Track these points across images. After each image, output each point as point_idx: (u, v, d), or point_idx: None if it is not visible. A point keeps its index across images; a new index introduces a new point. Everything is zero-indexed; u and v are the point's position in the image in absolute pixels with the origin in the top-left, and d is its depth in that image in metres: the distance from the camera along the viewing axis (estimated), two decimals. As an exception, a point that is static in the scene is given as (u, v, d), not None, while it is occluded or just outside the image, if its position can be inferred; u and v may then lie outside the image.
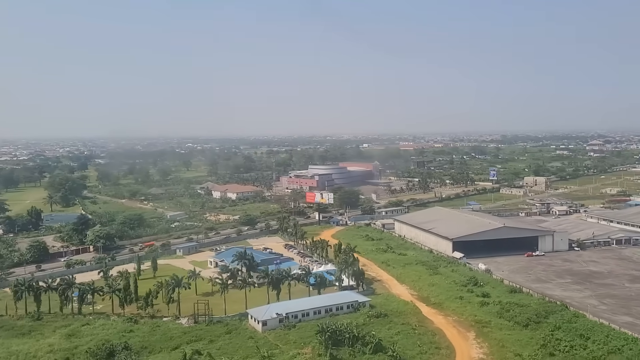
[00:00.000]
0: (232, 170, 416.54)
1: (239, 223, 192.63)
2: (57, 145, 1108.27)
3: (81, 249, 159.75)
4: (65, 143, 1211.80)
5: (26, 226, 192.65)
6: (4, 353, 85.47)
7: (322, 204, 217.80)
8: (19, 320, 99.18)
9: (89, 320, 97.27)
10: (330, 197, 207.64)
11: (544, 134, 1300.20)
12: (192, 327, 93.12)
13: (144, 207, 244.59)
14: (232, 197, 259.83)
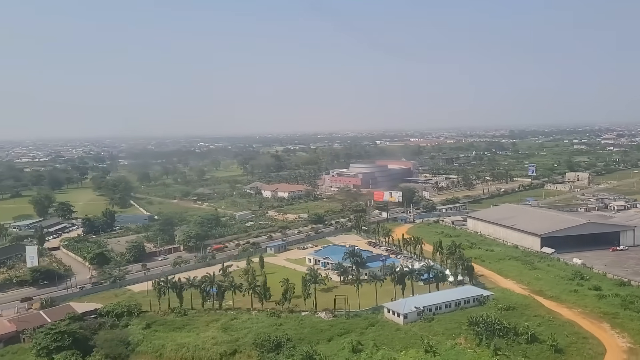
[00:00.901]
0: (263, 169, 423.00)
1: (309, 222, 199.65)
2: (68, 145, 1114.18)
3: (172, 248, 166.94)
4: (74, 143, 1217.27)
5: (103, 227, 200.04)
6: (173, 345, 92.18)
7: (378, 202, 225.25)
8: (165, 315, 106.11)
9: (233, 315, 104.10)
10: (400, 196, 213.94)
11: (549, 129, 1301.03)
12: (334, 320, 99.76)
13: (200, 207, 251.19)
14: (284, 196, 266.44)
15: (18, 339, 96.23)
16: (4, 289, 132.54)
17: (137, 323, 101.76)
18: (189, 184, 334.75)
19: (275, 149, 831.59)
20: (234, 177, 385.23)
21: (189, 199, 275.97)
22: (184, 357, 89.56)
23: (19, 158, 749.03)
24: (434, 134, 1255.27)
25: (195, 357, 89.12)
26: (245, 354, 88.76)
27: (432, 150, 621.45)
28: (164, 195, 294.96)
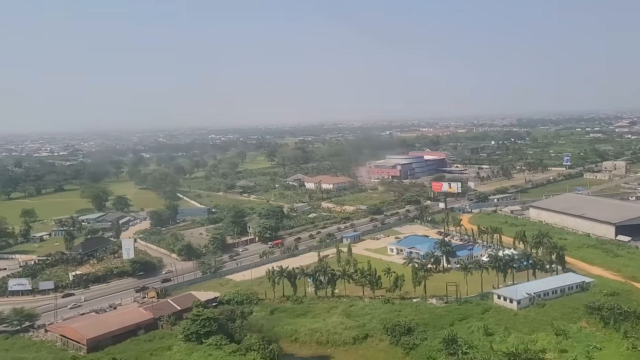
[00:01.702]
0: (292, 161, 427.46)
1: (368, 212, 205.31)
2: (77, 139, 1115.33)
3: (248, 240, 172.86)
4: (82, 137, 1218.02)
5: (168, 220, 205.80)
6: (306, 330, 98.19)
7: (432, 192, 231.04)
8: (282, 303, 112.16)
9: (348, 302, 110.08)
10: (459, 187, 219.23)
11: (554, 117, 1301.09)
12: (447, 306, 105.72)
13: (249, 200, 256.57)
14: (329, 187, 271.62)
15: (156, 325, 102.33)
16: (107, 279, 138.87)
17: (259, 310, 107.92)
18: (226, 177, 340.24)
19: (287, 140, 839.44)
20: (265, 170, 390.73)
21: (233, 191, 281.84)
22: (319, 340, 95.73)
23: (36, 152, 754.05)
24: (441, 124, 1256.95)
25: (330, 341, 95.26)
26: (377, 338, 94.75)
27: (448, 140, 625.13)
28: (206, 188, 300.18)
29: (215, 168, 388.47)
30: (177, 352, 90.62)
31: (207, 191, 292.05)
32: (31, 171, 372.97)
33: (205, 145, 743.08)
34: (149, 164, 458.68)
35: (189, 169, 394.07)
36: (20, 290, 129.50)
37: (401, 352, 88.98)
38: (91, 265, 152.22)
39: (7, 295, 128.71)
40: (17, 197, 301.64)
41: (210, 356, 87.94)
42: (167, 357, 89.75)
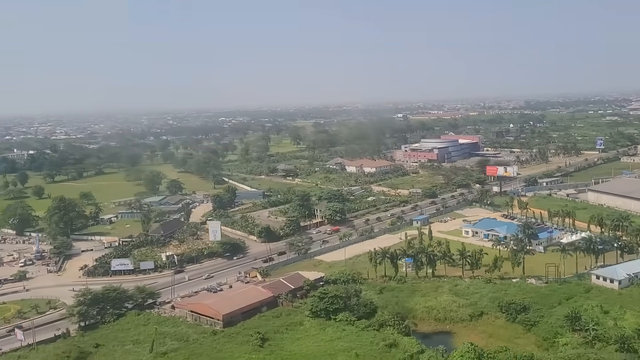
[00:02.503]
0: (319, 145, 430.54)
1: (424, 196, 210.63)
2: (86, 121, 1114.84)
3: (319, 222, 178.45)
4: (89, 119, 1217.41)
5: (229, 203, 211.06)
6: (422, 307, 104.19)
7: (486, 177, 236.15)
8: (385, 282, 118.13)
9: (451, 281, 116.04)
10: (515, 170, 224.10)
11: (561, 99, 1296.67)
12: (549, 286, 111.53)
13: (296, 183, 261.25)
14: (371, 171, 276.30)
15: (275, 303, 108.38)
16: (199, 260, 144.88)
17: (366, 289, 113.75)
18: (261, 160, 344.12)
19: (300, 122, 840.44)
20: (295, 153, 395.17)
21: (276, 174, 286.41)
22: (437, 317, 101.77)
23: (51, 135, 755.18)
24: (448, 106, 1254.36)
25: (447, 318, 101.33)
26: (492, 316, 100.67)
27: (466, 123, 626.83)
28: (247, 171, 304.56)
29: (247, 151, 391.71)
30: (310, 327, 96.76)
31: (248, 174, 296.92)
32: (66, 155, 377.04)
33: (222, 128, 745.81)
34: (178, 147, 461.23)
35: (221, 152, 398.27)
36: (123, 270, 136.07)
37: (521, 329, 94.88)
38: (175, 247, 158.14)
39: (110, 274, 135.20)
40: (61, 180, 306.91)
41: (343, 331, 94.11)
42: (302, 331, 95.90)
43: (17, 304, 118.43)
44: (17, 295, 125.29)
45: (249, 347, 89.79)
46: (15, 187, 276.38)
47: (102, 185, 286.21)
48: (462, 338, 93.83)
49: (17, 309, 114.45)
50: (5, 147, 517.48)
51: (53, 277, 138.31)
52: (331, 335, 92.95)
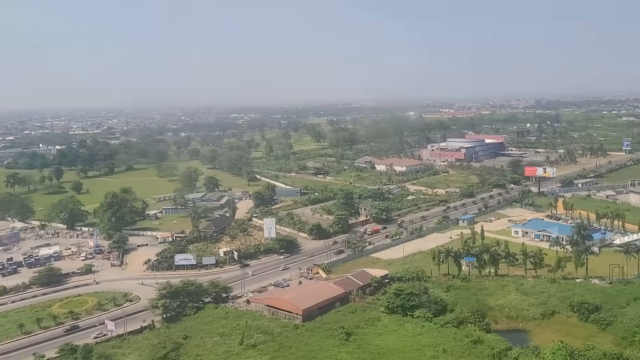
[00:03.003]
0: (340, 143, 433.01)
1: (462, 195, 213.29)
2: (97, 116, 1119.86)
3: (364, 221, 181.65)
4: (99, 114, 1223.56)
5: (269, 200, 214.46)
6: (494, 306, 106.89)
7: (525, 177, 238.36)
8: (449, 281, 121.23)
9: (515, 281, 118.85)
10: (554, 172, 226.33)
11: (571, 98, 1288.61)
12: (612, 286, 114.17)
13: (326, 181, 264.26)
14: (402, 170, 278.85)
15: (347, 299, 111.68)
16: (257, 256, 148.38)
17: (433, 287, 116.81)
18: (288, 158, 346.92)
19: (312, 120, 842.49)
20: (318, 151, 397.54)
21: (306, 172, 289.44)
22: (509, 315, 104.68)
23: (68, 130, 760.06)
24: (457, 105, 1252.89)
25: (520, 316, 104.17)
26: (564, 315, 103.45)
27: (482, 122, 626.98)
28: (277, 169, 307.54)
29: (271, 149, 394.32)
30: (389, 323, 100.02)
31: (277, 172, 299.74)
32: (95, 150, 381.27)
33: (237, 124, 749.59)
34: (203, 144, 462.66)
35: (245, 149, 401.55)
36: (185, 265, 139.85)
37: (596, 328, 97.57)
38: (227, 243, 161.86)
39: (174, 269, 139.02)
40: (94, 176, 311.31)
41: (423, 327, 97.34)
42: (382, 327, 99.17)
43: (92, 296, 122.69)
44: (88, 288, 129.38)
45: (335, 341, 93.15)
46: (51, 182, 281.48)
47: (135, 180, 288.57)
48: (538, 336, 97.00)
49: (94, 301, 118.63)
50: (27, 142, 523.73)
51: (117, 270, 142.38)
52: (412, 331, 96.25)
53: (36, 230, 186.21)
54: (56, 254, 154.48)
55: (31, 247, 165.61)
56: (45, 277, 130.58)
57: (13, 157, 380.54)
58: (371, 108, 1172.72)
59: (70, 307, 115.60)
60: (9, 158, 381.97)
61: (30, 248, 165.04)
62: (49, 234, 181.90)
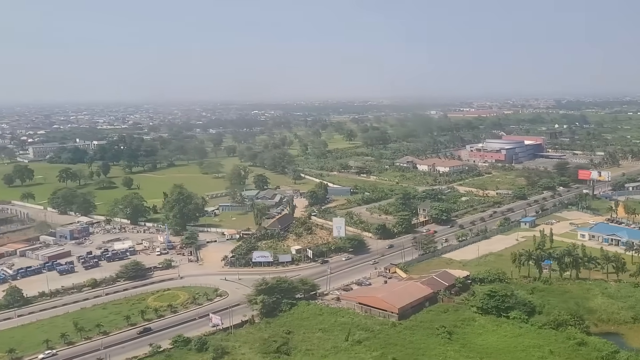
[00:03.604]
0: (373, 141, 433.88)
1: (514, 197, 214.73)
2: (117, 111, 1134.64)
3: (425, 221, 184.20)
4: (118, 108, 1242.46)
5: (323, 199, 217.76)
6: (583, 309, 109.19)
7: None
8: (530, 282, 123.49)
9: (597, 284, 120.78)
10: (609, 175, 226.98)
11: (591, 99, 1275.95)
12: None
13: (370, 180, 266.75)
14: (445, 171, 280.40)
15: (435, 299, 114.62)
16: (329, 254, 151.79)
17: (516, 289, 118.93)
18: (325, 156, 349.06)
19: (334, 118, 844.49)
20: (352, 149, 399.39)
21: (349, 171, 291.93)
22: (600, 318, 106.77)
23: (95, 124, 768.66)
24: (477, 104, 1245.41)
25: (612, 320, 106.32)
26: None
27: (508, 122, 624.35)
28: (318, 167, 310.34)
29: (306, 147, 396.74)
30: (485, 323, 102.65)
31: (319, 170, 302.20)
32: (132, 145, 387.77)
33: (261, 121, 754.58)
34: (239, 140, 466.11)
35: (280, 147, 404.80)
36: (262, 262, 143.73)
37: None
38: (294, 241, 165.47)
39: (251, 265, 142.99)
40: (138, 171, 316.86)
41: (521, 328, 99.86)
42: (479, 327, 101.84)
43: (181, 290, 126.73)
44: (174, 282, 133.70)
45: (439, 340, 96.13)
46: (99, 178, 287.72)
47: (180, 177, 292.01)
48: (633, 340, 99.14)
49: (186, 295, 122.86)
50: (61, 136, 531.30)
51: (195, 266, 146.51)
52: (511, 332, 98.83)
53: (102, 225, 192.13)
54: (131, 249, 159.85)
55: (103, 242, 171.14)
56: (132, 270, 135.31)
57: (54, 151, 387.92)
58: (389, 106, 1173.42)
59: (164, 301, 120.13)
60: (49, 152, 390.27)
61: (102, 242, 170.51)
62: (115, 229, 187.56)
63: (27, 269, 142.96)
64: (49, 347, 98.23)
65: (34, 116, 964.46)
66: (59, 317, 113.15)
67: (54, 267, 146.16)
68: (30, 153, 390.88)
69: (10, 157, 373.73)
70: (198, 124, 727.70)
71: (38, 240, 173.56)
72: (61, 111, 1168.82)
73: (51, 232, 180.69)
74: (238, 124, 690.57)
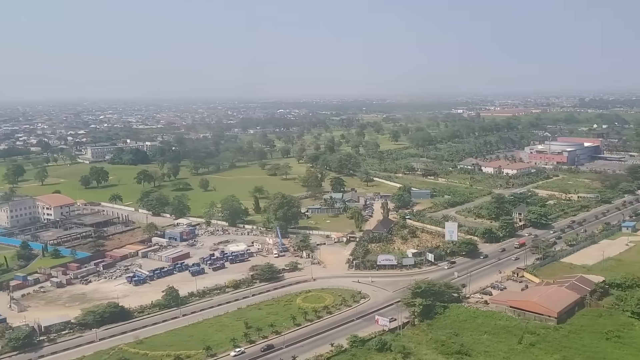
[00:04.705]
0: (421, 143, 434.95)
1: (600, 201, 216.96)
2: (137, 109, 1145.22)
3: (522, 225, 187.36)
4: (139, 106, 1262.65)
5: (408, 202, 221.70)
6: None
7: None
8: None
9: None
10: None
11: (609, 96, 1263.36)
12: None
13: (441, 182, 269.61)
14: (512, 173, 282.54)
15: (583, 304, 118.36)
16: (446, 258, 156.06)
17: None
18: (384, 158, 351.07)
19: (364, 116, 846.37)
20: (402, 150, 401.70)
21: (415, 173, 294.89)
22: None
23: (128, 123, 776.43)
24: (499, 102, 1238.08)
25: None
26: None
27: (546, 122, 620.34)
28: (382, 169, 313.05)
29: (357, 148, 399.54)
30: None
31: (383, 172, 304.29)
32: (186, 146, 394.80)
33: (293, 121, 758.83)
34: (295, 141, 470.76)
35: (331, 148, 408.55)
36: (387, 265, 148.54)
37: None
38: (402, 244, 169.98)
39: (376, 268, 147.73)
40: (203, 173, 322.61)
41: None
42: None
43: (323, 292, 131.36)
44: (309, 284, 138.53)
45: (610, 344, 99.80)
46: (169, 179, 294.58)
47: (250, 179, 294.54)
48: None
49: (331, 298, 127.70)
50: (106, 137, 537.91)
51: (318, 268, 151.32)
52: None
53: (203, 227, 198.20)
54: (248, 251, 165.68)
55: (214, 244, 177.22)
56: (267, 272, 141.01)
57: (112, 152, 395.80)
58: (408, 104, 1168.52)
59: (311, 302, 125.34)
60: (107, 153, 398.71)
61: (213, 244, 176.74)
62: (218, 231, 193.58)
63: (161, 270, 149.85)
64: (235, 346, 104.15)
65: (63, 115, 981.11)
66: (222, 317, 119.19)
67: (184, 269, 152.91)
68: (89, 154, 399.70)
69: (71, 158, 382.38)
70: (229, 123, 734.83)
71: (150, 241, 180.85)
72: (84, 108, 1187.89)
73: (156, 233, 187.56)
74: (275, 123, 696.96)
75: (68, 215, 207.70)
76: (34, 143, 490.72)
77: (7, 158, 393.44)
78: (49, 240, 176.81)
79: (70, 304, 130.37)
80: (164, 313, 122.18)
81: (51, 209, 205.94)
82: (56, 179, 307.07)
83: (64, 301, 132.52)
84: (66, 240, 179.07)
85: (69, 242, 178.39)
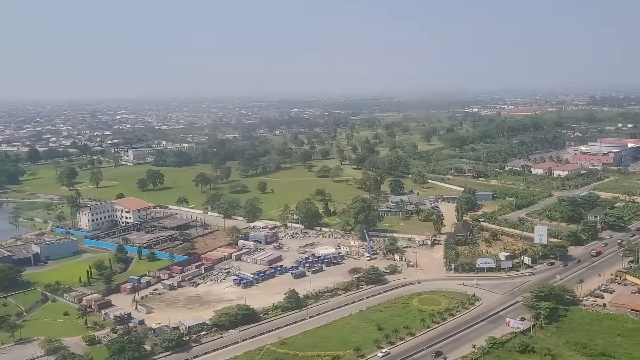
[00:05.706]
0: (450, 144, 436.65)
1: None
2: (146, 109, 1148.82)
3: (600, 228, 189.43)
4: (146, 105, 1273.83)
5: (474, 205, 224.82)
6: None
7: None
8: None
9: None
10: None
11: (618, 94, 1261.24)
12: None
13: (492, 184, 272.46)
14: (562, 174, 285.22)
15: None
16: (538, 261, 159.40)
17: None
18: (429, 161, 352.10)
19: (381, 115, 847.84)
20: (436, 151, 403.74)
21: (463, 175, 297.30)
22: None
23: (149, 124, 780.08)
24: (508, 100, 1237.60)
25: None
26: None
27: (570, 121, 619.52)
28: (430, 170, 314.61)
29: (395, 148, 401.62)
30: None
31: (431, 174, 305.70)
32: (241, 149, 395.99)
33: (315, 121, 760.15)
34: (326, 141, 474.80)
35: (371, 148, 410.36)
36: (485, 268, 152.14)
37: None
38: (486, 247, 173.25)
39: (475, 271, 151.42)
40: (252, 175, 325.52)
41: None
42: None
43: (435, 295, 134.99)
44: (415, 287, 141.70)
45: None
46: (222, 182, 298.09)
47: (301, 180, 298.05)
48: None
49: (445, 300, 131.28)
50: (137, 139, 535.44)
51: (416, 271, 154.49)
52: None
53: (282, 230, 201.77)
54: (339, 254, 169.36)
55: (300, 246, 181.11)
56: (373, 276, 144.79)
57: (153, 154, 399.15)
58: (419, 103, 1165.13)
59: (427, 304, 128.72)
60: (148, 155, 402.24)
61: (299, 247, 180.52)
62: (298, 234, 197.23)
63: (264, 273, 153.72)
64: (379, 347, 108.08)
65: (79, 115, 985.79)
66: (347, 319, 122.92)
67: (284, 271, 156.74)
68: (130, 156, 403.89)
69: (115, 161, 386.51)
70: (249, 123, 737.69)
71: (236, 244, 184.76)
72: (95, 108, 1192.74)
73: (237, 236, 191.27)
74: (299, 124, 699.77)
75: (145, 218, 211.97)
76: (68, 145, 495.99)
77: (50, 160, 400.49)
78: (141, 243, 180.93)
79: (191, 305, 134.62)
80: (289, 315, 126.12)
81: (130, 212, 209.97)
82: (109, 182, 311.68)
83: (183, 303, 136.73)
84: (156, 243, 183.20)
85: (158, 244, 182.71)
